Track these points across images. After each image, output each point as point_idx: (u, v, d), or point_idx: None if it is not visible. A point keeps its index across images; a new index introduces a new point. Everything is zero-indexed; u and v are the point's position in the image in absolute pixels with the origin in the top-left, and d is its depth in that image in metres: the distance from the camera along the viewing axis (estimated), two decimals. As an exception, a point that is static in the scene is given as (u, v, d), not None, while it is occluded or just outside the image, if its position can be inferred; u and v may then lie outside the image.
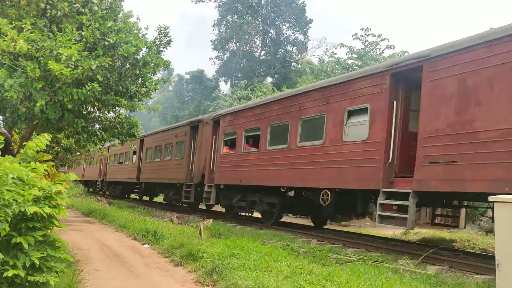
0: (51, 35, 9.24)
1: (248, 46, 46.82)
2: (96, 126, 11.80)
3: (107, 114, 11.88)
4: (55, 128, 10.31)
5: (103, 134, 11.56)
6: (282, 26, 45.67)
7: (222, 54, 47.04)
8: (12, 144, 7.91)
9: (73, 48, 8.66)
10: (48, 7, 9.57)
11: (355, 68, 25.09)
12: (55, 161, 18.00)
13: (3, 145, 4.06)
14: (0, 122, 12.14)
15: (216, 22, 46.28)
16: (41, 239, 3.55)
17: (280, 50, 45.19)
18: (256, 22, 44.91)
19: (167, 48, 11.06)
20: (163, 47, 10.99)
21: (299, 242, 9.45)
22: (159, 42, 10.90)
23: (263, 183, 11.96)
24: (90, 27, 9.58)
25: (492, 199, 4.80)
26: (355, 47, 27.31)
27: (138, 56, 10.25)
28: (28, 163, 4.02)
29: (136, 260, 7.21)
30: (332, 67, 27.98)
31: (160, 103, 48.78)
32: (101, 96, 9.56)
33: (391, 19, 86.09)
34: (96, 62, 8.95)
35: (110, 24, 9.89)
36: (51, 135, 4.69)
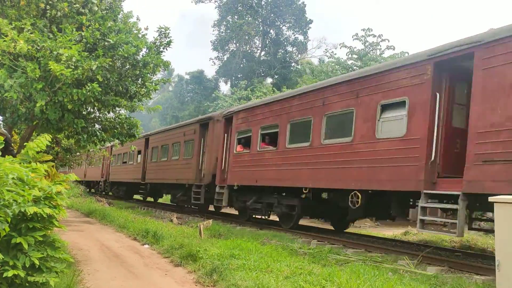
0: (51, 36, 9.25)
1: (248, 46, 46.83)
2: (96, 126, 11.82)
3: (107, 114, 11.91)
4: (55, 129, 10.33)
5: (103, 134, 11.57)
6: (282, 26, 45.69)
7: (222, 54, 47.10)
8: (12, 144, 7.92)
9: (73, 48, 8.67)
10: (48, 7, 9.58)
11: (355, 68, 25.04)
12: (55, 161, 18.00)
13: (3, 145, 4.07)
14: (0, 122, 12.17)
15: (216, 22, 46.35)
16: (41, 239, 3.56)
17: (280, 50, 45.20)
18: (256, 22, 44.92)
19: (167, 49, 11.09)
20: (163, 48, 11.01)
21: (299, 242, 9.44)
22: (159, 43, 10.92)
23: (282, 183, 11.24)
24: (90, 28, 9.60)
25: (492, 199, 4.80)
26: (355, 48, 27.34)
27: (138, 57, 10.28)
28: (28, 163, 4.03)
29: (136, 261, 7.21)
30: (332, 68, 27.99)
31: (160, 103, 48.71)
32: (101, 96, 9.58)
33: (391, 19, 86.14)
34: (96, 62, 8.97)
35: (110, 25, 9.92)
36: (51, 136, 4.69)
